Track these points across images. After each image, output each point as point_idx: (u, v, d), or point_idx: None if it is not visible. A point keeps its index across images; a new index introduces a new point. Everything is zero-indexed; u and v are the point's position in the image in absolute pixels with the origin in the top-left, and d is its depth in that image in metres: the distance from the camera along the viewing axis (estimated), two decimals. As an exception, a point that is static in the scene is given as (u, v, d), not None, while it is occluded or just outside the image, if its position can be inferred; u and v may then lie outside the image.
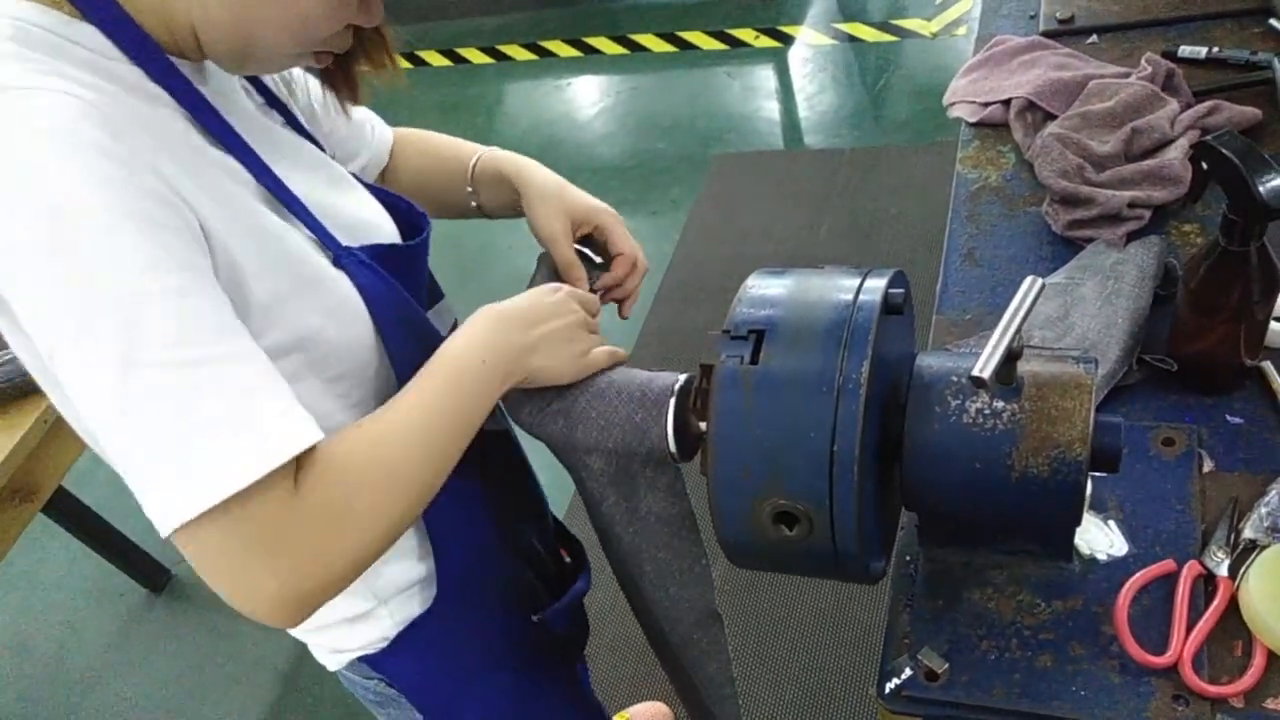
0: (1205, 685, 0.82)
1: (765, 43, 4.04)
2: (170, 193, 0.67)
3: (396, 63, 0.88)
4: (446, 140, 1.15)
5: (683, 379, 0.86)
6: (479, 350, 0.82)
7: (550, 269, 1.04)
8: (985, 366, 0.73)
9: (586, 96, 4.08)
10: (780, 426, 0.75)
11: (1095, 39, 1.57)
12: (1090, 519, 0.95)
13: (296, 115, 0.95)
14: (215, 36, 0.74)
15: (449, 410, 0.79)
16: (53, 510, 2.19)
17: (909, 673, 0.89)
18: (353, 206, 0.91)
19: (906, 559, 0.98)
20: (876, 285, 0.79)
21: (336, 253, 0.82)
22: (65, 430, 1.68)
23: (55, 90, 0.65)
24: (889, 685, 0.89)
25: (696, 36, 4.17)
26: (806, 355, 0.76)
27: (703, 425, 0.80)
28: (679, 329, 2.83)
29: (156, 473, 0.64)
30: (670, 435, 0.83)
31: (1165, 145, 1.28)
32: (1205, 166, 0.94)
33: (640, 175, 3.50)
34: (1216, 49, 1.44)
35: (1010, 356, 0.76)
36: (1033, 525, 0.82)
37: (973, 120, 1.49)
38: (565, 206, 1.04)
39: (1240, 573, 0.87)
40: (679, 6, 4.44)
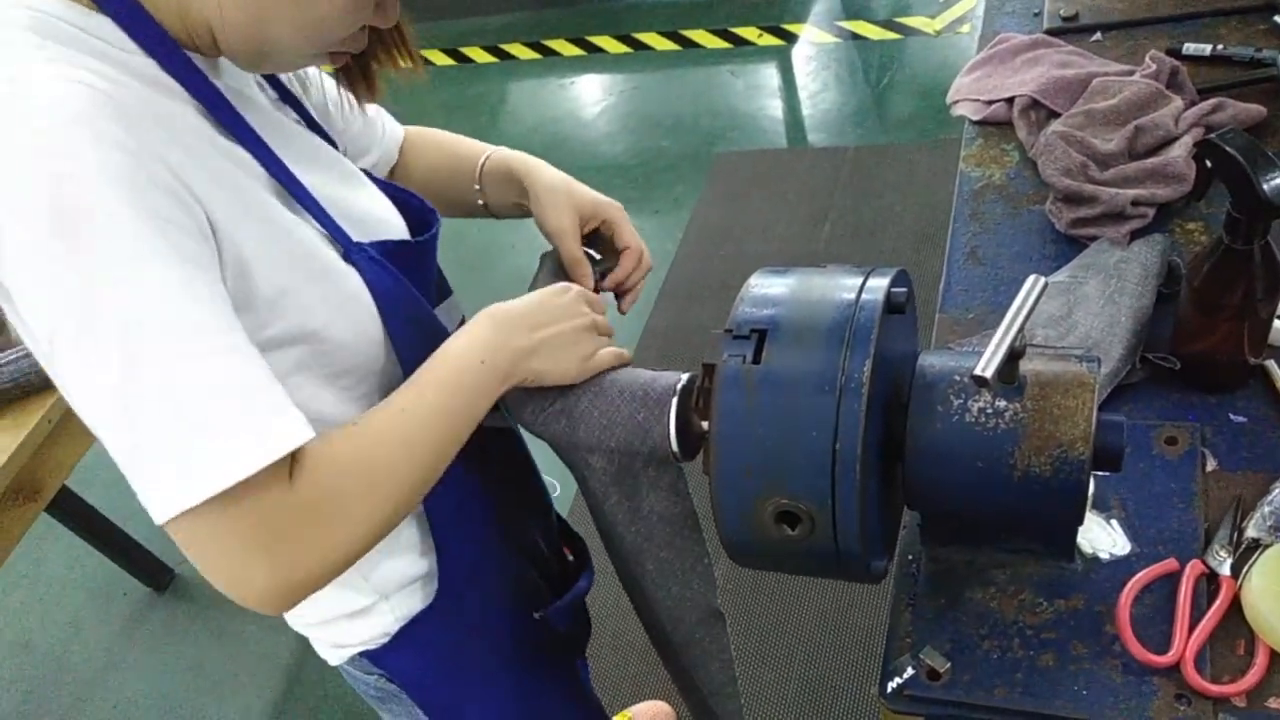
0: (1207, 684, 0.82)
1: (769, 41, 4.04)
2: (179, 185, 0.67)
3: (418, 61, 0.88)
4: (455, 139, 1.15)
5: (685, 378, 0.85)
6: (478, 351, 0.82)
7: (553, 267, 1.04)
8: (988, 365, 0.73)
9: (590, 95, 4.08)
10: (782, 426, 0.75)
11: (1099, 36, 1.57)
12: (1093, 518, 0.95)
13: (309, 111, 0.95)
14: (231, 36, 0.74)
15: (445, 409, 0.79)
16: (56, 510, 2.19)
17: (911, 672, 0.89)
18: (363, 202, 0.91)
19: (909, 558, 0.98)
20: (879, 284, 0.79)
21: (346, 247, 0.82)
22: (69, 430, 1.69)
23: (69, 80, 0.65)
24: (891, 684, 0.89)
25: (700, 35, 4.16)
26: (809, 354, 0.76)
27: (705, 424, 0.80)
28: (682, 327, 2.83)
29: (153, 463, 0.65)
30: (672, 435, 0.83)
31: (1169, 143, 1.28)
32: (1209, 164, 0.95)
33: (643, 173, 3.50)
34: (1221, 46, 1.44)
35: (1013, 355, 0.76)
36: (1035, 524, 0.82)
37: (976, 118, 1.49)
38: (573, 202, 1.04)
39: (1243, 572, 0.87)
40: (682, 5, 4.44)
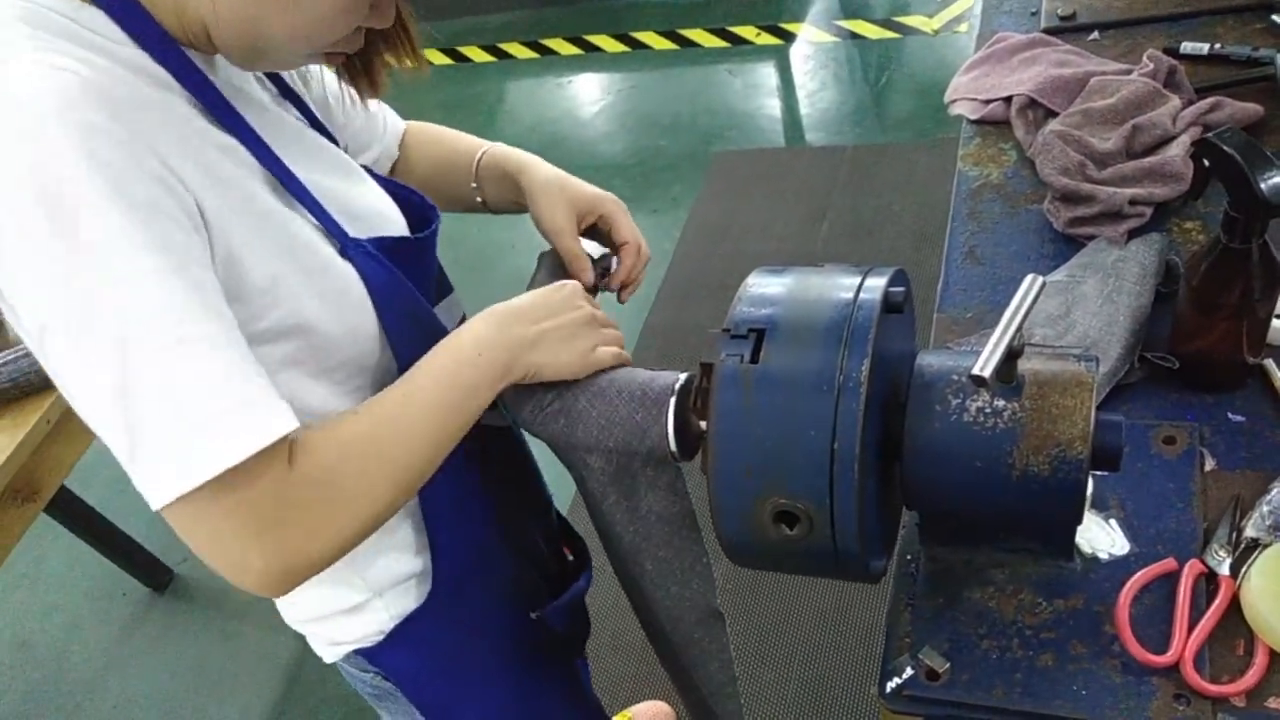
0: (1206, 684, 0.82)
1: (767, 40, 4.03)
2: (168, 174, 0.67)
3: (422, 60, 0.88)
4: (453, 135, 1.15)
5: (683, 378, 0.85)
6: (478, 344, 0.82)
7: (551, 267, 1.04)
8: (986, 365, 0.73)
9: (588, 94, 4.07)
10: (781, 425, 0.75)
11: (1097, 35, 1.57)
12: (1091, 518, 0.95)
13: (310, 107, 0.95)
14: (225, 35, 0.74)
15: (442, 402, 0.79)
16: (55, 510, 2.19)
17: (910, 672, 0.89)
18: (363, 199, 0.91)
19: (907, 558, 0.98)
20: (877, 284, 0.79)
21: (342, 242, 0.82)
22: (68, 430, 1.69)
23: (55, 68, 0.65)
24: (890, 684, 0.89)
25: (698, 34, 4.16)
26: (807, 354, 0.76)
27: (703, 424, 0.80)
28: (680, 327, 2.82)
29: (147, 451, 0.65)
30: (671, 434, 0.83)
31: (1167, 142, 1.28)
32: (1207, 163, 0.94)
33: (641, 173, 3.50)
34: (1218, 45, 1.44)
35: (1011, 355, 0.76)
36: (1034, 524, 0.82)
37: (974, 117, 1.49)
38: (568, 198, 1.04)
39: (1242, 571, 0.87)
40: (680, 4, 4.44)
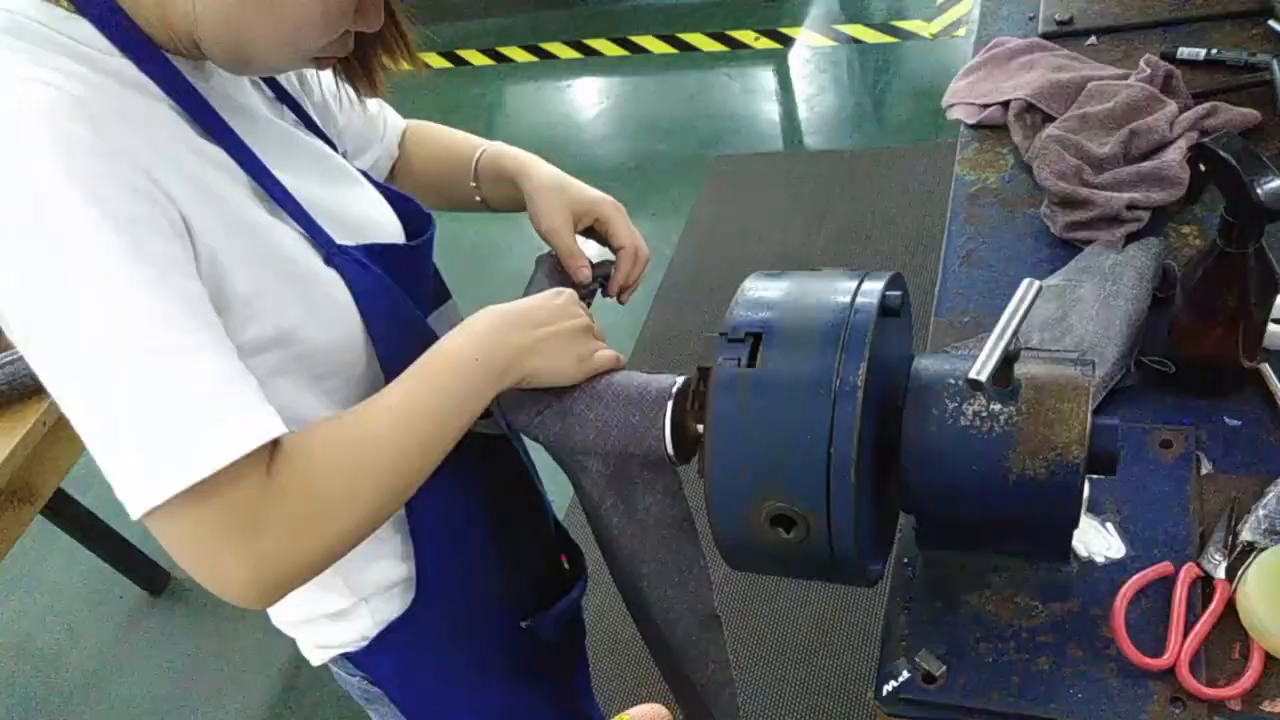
0: (1203, 688, 0.82)
1: (765, 44, 4.04)
2: (151, 186, 0.67)
3: (418, 63, 0.88)
4: (451, 134, 1.15)
5: (680, 381, 0.85)
6: (474, 348, 0.81)
7: (549, 270, 1.04)
8: (982, 369, 0.73)
9: (586, 98, 4.08)
10: (777, 429, 0.75)
11: (1094, 40, 1.57)
12: (1088, 521, 0.95)
13: (308, 111, 0.95)
14: (210, 43, 0.74)
15: (434, 407, 0.78)
16: (52, 512, 2.19)
17: (906, 675, 0.89)
18: (355, 205, 0.91)
19: (904, 561, 0.98)
20: (874, 288, 0.79)
21: (328, 250, 0.82)
22: (64, 432, 1.69)
23: (34, 80, 0.65)
24: (886, 688, 0.89)
25: (696, 38, 4.17)
26: (804, 358, 0.76)
27: (700, 428, 0.80)
28: (678, 330, 2.83)
29: (127, 457, 0.65)
30: (668, 438, 0.83)
31: (1164, 147, 1.28)
32: (1203, 168, 0.95)
33: (640, 176, 3.50)
34: (1215, 51, 1.45)
35: (1008, 359, 0.76)
36: (1030, 528, 0.82)
37: (972, 122, 1.49)
38: (566, 199, 1.03)
39: (1238, 575, 0.87)
40: (679, 8, 4.44)
